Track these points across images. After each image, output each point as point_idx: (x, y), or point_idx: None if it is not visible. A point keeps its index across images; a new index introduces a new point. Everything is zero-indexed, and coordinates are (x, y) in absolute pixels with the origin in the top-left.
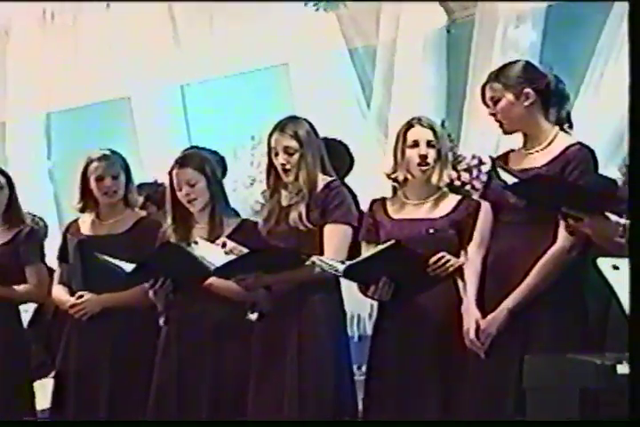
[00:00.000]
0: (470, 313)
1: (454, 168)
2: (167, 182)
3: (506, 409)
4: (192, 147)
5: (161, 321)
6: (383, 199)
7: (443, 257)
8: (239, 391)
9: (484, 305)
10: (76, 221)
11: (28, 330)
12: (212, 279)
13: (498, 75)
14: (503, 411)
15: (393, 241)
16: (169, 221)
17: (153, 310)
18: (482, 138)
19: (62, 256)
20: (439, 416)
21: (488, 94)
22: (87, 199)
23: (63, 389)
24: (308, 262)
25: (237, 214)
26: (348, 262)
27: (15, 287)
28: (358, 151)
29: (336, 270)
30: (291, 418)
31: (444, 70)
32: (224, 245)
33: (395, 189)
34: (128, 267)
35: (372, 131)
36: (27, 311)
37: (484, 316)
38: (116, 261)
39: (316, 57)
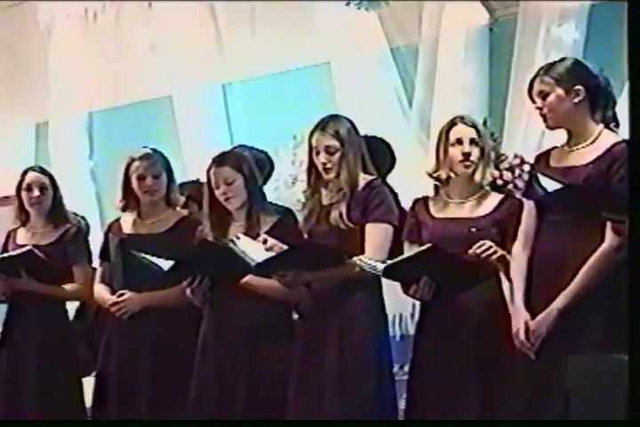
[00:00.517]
0: (519, 314)
1: (496, 167)
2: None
3: (555, 410)
4: (239, 146)
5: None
6: (425, 198)
7: (485, 244)
8: (278, 390)
9: (532, 305)
10: (117, 220)
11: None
12: (250, 277)
13: (549, 69)
14: (552, 411)
15: (429, 244)
16: (206, 218)
17: (193, 308)
18: (524, 137)
19: (104, 255)
20: (481, 416)
21: (537, 88)
22: (129, 198)
23: (104, 387)
24: (348, 262)
25: (287, 210)
26: (387, 262)
27: (64, 286)
28: (400, 150)
29: (376, 270)
30: (331, 418)
31: (487, 69)
32: (265, 242)
33: (437, 189)
34: (165, 265)
35: (413, 130)
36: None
37: (532, 317)
38: (154, 259)
39: (358, 56)
